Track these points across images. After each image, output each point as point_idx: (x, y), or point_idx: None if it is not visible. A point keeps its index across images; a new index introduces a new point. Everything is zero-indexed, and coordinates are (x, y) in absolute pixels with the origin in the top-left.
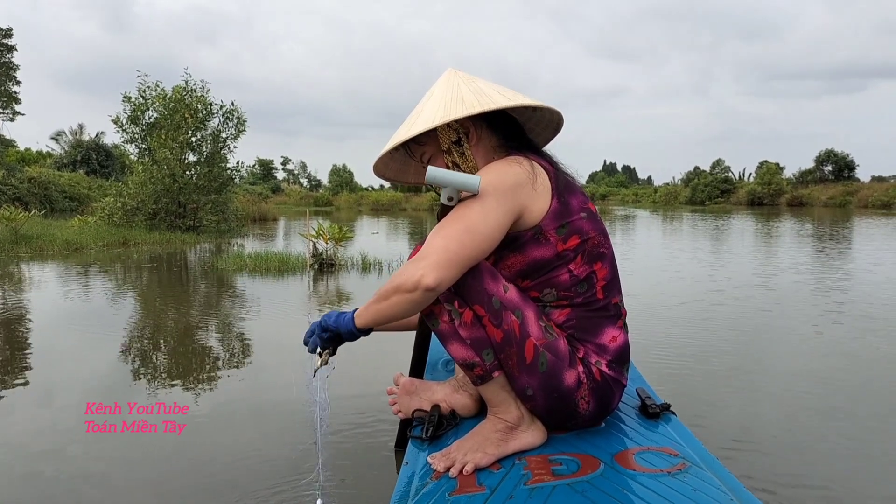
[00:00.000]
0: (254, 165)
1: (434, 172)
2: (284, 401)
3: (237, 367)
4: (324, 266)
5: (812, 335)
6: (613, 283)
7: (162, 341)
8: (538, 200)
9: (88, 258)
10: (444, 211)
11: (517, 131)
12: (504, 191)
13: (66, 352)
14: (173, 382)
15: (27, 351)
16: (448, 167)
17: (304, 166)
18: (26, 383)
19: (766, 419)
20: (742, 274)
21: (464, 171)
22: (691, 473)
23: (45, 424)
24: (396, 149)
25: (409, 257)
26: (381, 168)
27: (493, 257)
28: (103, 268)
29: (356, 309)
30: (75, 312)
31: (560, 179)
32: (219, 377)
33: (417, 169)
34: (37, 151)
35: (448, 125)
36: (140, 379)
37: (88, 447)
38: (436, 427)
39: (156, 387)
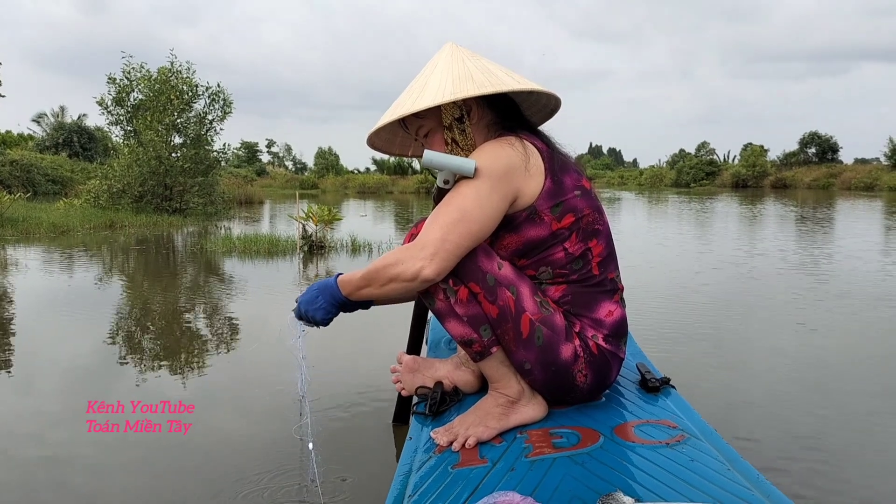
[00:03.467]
0: (238, 148)
1: (431, 156)
2: (282, 387)
3: (232, 352)
4: (313, 248)
5: (798, 313)
6: (609, 259)
7: (154, 325)
8: (531, 181)
9: (76, 241)
10: (440, 194)
11: (514, 111)
12: (498, 176)
13: (53, 337)
14: (172, 374)
15: (12, 337)
16: (447, 143)
17: (289, 149)
18: (9, 372)
19: (759, 394)
20: (728, 255)
21: (462, 148)
22: (689, 445)
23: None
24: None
25: (405, 241)
26: (371, 137)
27: (489, 237)
28: (91, 251)
29: (337, 276)
30: (64, 296)
31: (554, 159)
32: (214, 364)
33: (403, 140)
34: (18, 134)
35: (454, 102)
36: (130, 366)
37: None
38: (439, 403)
39: (150, 377)
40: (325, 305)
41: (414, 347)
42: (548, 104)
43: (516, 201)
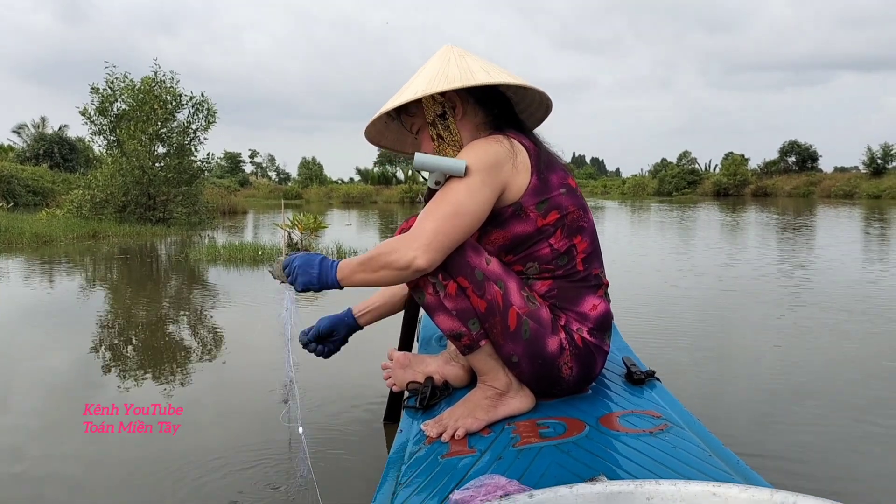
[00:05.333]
0: (221, 158)
1: (421, 159)
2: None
3: (220, 360)
4: None
5: (777, 315)
6: (594, 255)
7: (139, 334)
8: (518, 177)
9: (59, 250)
10: (430, 195)
11: (508, 111)
12: (487, 169)
13: (36, 347)
14: (159, 379)
15: None
16: (433, 140)
17: (272, 159)
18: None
19: (741, 388)
20: (710, 261)
21: (449, 145)
22: (673, 433)
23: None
24: (392, 118)
25: (398, 232)
26: (376, 137)
27: (477, 233)
28: (74, 261)
29: (336, 262)
30: (48, 306)
31: (541, 157)
32: (201, 371)
33: (404, 136)
34: None
35: (433, 98)
36: (115, 374)
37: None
38: (429, 397)
39: (131, 384)
40: (314, 277)
41: (405, 345)
42: (541, 101)
43: (503, 196)
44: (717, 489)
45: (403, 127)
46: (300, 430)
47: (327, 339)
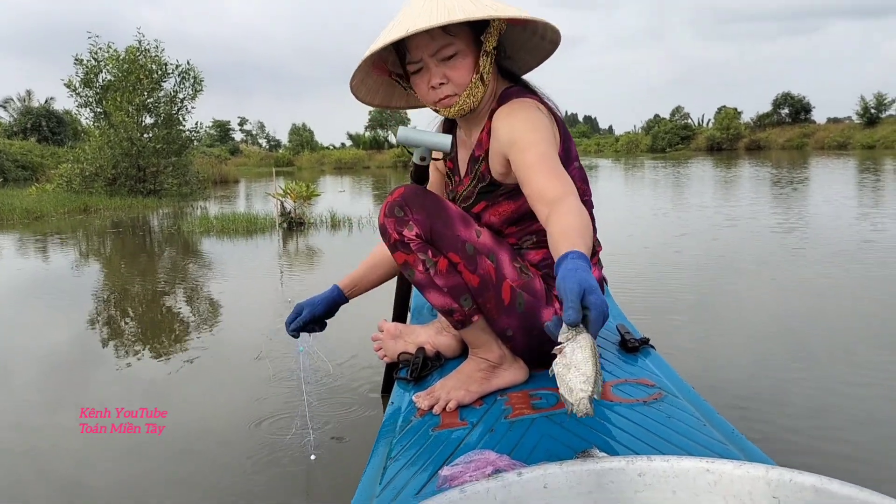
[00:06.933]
0: (210, 127)
1: (405, 133)
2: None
3: (214, 335)
4: (293, 225)
5: (772, 272)
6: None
7: (134, 310)
8: None
9: (51, 226)
10: (416, 170)
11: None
12: (552, 135)
13: (30, 325)
14: (152, 357)
15: None
16: (476, 72)
17: (262, 126)
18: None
19: (736, 348)
20: (705, 219)
21: (485, 87)
22: (667, 402)
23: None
24: (368, 72)
25: (383, 208)
26: (364, 95)
27: (485, 202)
28: (66, 236)
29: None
30: (43, 281)
31: (563, 126)
32: (200, 346)
33: (388, 90)
34: None
35: (491, 28)
36: (110, 354)
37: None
38: (420, 368)
39: (132, 364)
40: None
41: (399, 316)
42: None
43: None
44: (711, 465)
45: (397, 75)
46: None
47: (319, 321)
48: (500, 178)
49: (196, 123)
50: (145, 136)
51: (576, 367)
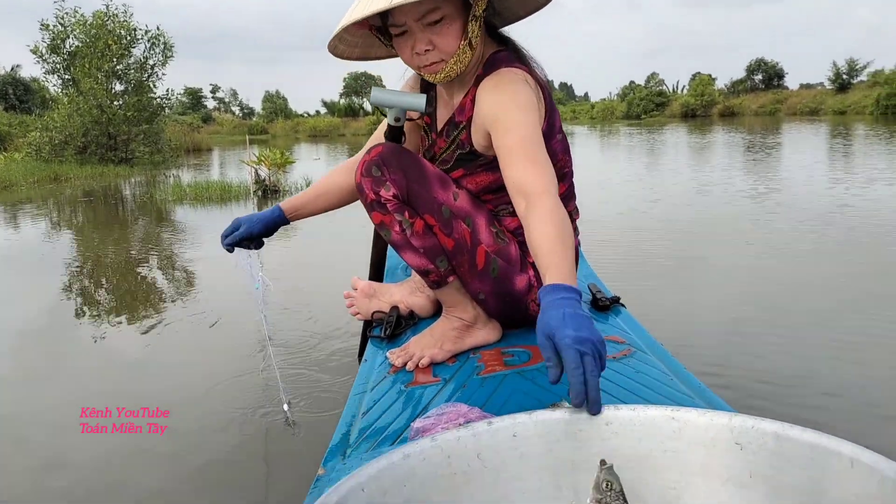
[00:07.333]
0: (182, 94)
1: (379, 94)
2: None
3: (188, 304)
4: (267, 192)
5: (744, 236)
6: (569, 194)
7: (109, 279)
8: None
9: (20, 195)
10: (391, 131)
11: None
12: (536, 114)
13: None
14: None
15: None
16: (464, 38)
17: (234, 94)
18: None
19: (708, 311)
20: (678, 186)
21: (473, 52)
22: (636, 358)
23: None
24: (346, 29)
25: (358, 168)
26: (343, 51)
27: (463, 170)
28: (37, 205)
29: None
30: (14, 252)
31: (550, 97)
32: (174, 316)
33: (367, 42)
34: None
35: None
36: (88, 319)
37: None
38: (394, 326)
39: (106, 328)
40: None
41: (375, 275)
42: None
43: None
44: (676, 413)
45: (377, 31)
46: (286, 408)
47: (256, 239)
48: (482, 149)
49: (167, 90)
50: (115, 103)
51: None
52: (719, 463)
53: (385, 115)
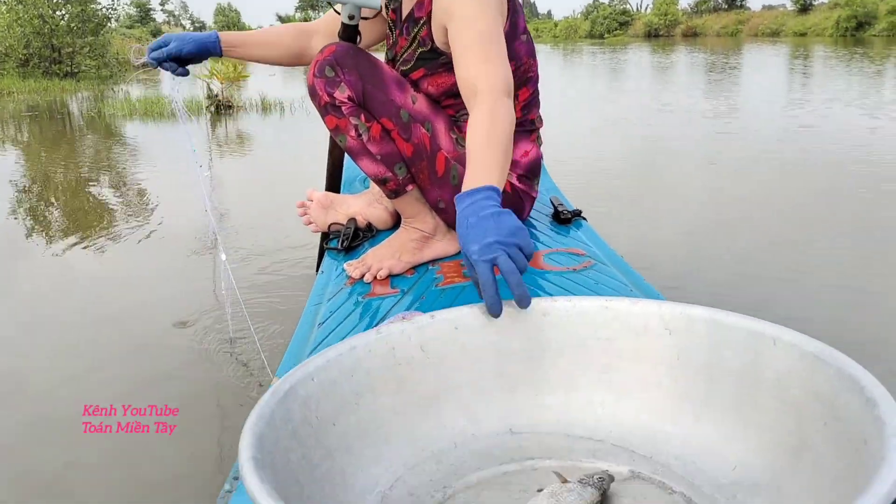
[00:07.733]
0: (128, 4)
1: None
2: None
3: (143, 224)
4: (220, 108)
5: (705, 156)
6: (533, 101)
7: (59, 198)
8: (499, 21)
9: None
10: (345, 30)
11: None
12: (496, 8)
13: None
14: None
15: None
16: None
17: (184, 7)
18: None
19: (668, 228)
20: (640, 106)
21: None
22: (596, 269)
23: None
24: None
25: (312, 68)
26: None
27: (424, 70)
28: None
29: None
30: None
31: None
32: (130, 235)
33: None
34: None
35: None
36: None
37: None
38: (351, 238)
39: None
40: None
41: (332, 186)
42: None
43: None
44: (609, 303)
45: None
46: (223, 257)
47: (185, 62)
48: (443, 47)
49: (112, 0)
50: (58, 13)
51: None
52: (649, 347)
53: (338, 13)
